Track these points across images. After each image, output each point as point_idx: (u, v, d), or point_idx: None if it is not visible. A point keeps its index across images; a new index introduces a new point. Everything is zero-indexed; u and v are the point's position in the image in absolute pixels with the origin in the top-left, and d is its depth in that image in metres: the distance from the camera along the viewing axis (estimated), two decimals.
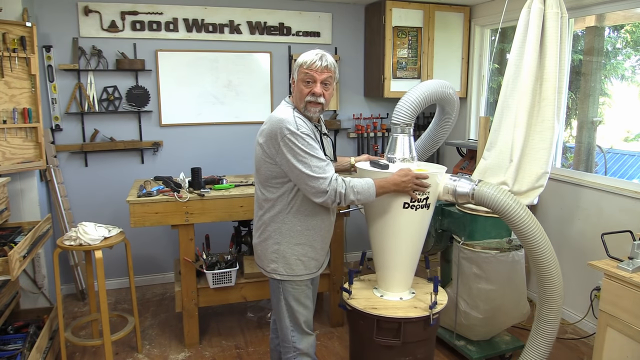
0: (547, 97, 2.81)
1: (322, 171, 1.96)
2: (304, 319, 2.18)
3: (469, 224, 2.74)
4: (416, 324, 2.20)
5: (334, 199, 1.97)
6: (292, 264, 2.13)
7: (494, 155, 2.96)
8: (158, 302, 3.84)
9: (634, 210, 2.95)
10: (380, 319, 2.21)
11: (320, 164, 1.96)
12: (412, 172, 2.12)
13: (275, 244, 2.13)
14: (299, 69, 2.05)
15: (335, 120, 4.39)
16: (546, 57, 2.79)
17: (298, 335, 2.18)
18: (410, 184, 2.10)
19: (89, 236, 2.68)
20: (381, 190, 2.06)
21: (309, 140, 1.96)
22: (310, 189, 1.97)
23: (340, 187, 1.96)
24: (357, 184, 2.00)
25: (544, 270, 2.32)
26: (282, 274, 2.14)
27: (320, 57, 2.02)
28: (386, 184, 2.08)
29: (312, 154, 1.95)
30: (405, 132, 2.36)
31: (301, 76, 2.03)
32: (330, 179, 1.96)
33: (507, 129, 2.89)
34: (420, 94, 2.39)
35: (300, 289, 2.16)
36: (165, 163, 3.99)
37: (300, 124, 1.98)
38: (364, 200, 2.04)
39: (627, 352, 2.18)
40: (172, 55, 3.87)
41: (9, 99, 3.10)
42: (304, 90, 2.03)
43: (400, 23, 4.11)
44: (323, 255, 2.24)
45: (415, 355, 2.25)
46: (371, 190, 2.03)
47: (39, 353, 2.66)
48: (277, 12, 4.10)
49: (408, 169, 2.13)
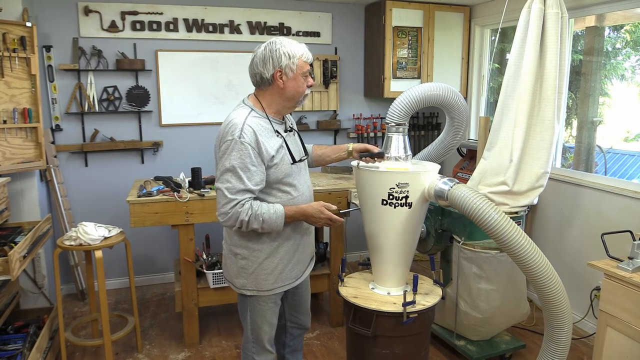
0: (547, 97, 2.81)
1: (236, 192, 1.84)
2: (267, 337, 2.13)
3: (469, 224, 2.74)
4: (388, 318, 2.22)
5: (233, 223, 1.87)
6: (260, 280, 2.04)
7: (494, 156, 2.96)
8: (158, 302, 3.84)
9: (634, 210, 2.95)
10: (357, 308, 2.26)
11: (238, 185, 1.84)
12: (327, 213, 1.97)
13: (242, 260, 2.04)
14: (297, 62, 1.89)
15: (335, 120, 4.39)
16: (546, 57, 2.79)
17: (258, 350, 2.15)
18: (321, 222, 1.99)
19: (89, 236, 2.68)
20: (290, 220, 1.95)
21: (248, 153, 1.83)
22: (217, 204, 1.90)
23: (243, 215, 1.84)
24: (265, 213, 1.88)
25: (537, 280, 2.18)
26: (251, 289, 2.05)
27: (307, 49, 1.95)
28: (297, 215, 1.96)
29: (239, 171, 1.84)
30: (399, 131, 2.39)
31: (302, 70, 1.91)
32: (237, 203, 1.84)
33: (507, 129, 2.89)
34: (415, 95, 2.43)
35: (267, 306, 2.08)
36: (165, 163, 3.99)
37: (248, 132, 1.84)
38: (269, 229, 1.93)
39: (627, 352, 2.18)
40: (172, 55, 3.87)
41: (9, 99, 3.10)
42: (303, 85, 1.93)
43: (400, 23, 4.11)
44: (300, 265, 2.15)
45: (393, 351, 2.27)
46: (279, 220, 1.91)
47: (39, 353, 2.66)
48: (277, 12, 4.10)
49: (324, 209, 1.98)
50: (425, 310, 2.26)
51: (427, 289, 2.45)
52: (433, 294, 2.39)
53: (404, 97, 2.45)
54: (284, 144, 1.97)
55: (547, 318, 2.33)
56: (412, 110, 2.45)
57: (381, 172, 2.28)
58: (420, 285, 2.47)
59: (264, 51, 1.93)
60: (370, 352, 2.30)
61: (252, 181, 1.86)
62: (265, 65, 1.91)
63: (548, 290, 2.21)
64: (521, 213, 2.79)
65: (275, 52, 1.89)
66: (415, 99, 2.45)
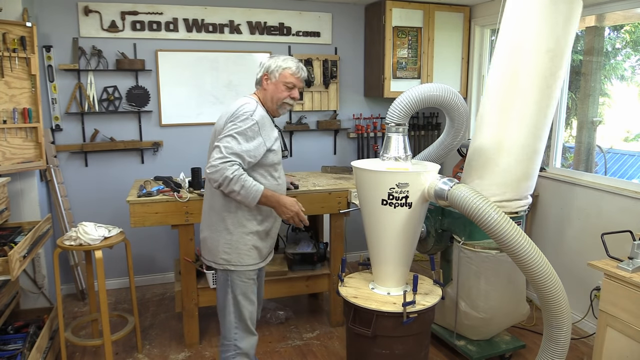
0: (524, 95, 2.60)
1: (231, 153, 2.07)
2: (249, 315, 2.30)
3: (469, 224, 2.74)
4: (388, 318, 2.22)
5: (218, 178, 2.05)
6: (243, 254, 2.25)
7: (476, 157, 2.89)
8: (158, 302, 3.84)
9: (634, 210, 2.95)
10: (357, 308, 2.27)
11: (235, 148, 2.07)
12: (297, 208, 2.22)
13: (228, 234, 2.24)
14: (282, 72, 2.22)
15: (335, 120, 4.39)
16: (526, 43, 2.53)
17: (241, 334, 2.30)
18: (289, 214, 2.20)
19: (89, 236, 2.68)
20: (264, 200, 2.14)
21: (254, 128, 2.12)
22: (211, 158, 2.10)
23: (229, 172, 2.04)
24: (247, 181, 2.08)
25: (537, 279, 2.19)
26: (235, 264, 2.25)
27: (302, 69, 2.28)
28: (272, 198, 2.17)
29: (239, 138, 2.09)
30: (399, 131, 2.39)
31: (285, 80, 2.23)
32: (229, 161, 2.05)
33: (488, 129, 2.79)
34: (415, 96, 2.44)
35: (248, 282, 2.29)
36: (165, 163, 3.99)
37: (259, 114, 2.16)
38: (244, 199, 2.10)
39: (627, 352, 2.18)
40: (172, 55, 3.87)
41: (9, 99, 3.10)
42: (283, 93, 2.25)
43: (400, 23, 4.11)
44: (270, 244, 2.39)
45: (393, 351, 2.27)
46: (256, 195, 2.10)
47: (39, 353, 2.66)
48: (277, 12, 4.10)
49: (297, 204, 2.23)
50: (425, 310, 2.27)
51: (427, 289, 2.45)
52: (433, 294, 2.39)
53: (403, 98, 2.46)
54: (280, 136, 2.35)
55: (546, 318, 2.33)
56: (412, 110, 2.46)
57: (381, 172, 2.29)
58: (420, 285, 2.48)
59: (266, 59, 2.31)
60: (370, 352, 2.30)
61: (248, 153, 2.11)
62: (261, 69, 2.30)
63: (547, 290, 2.22)
64: (521, 213, 2.79)
65: (270, 60, 2.28)
66: (415, 100, 2.45)
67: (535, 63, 2.50)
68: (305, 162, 4.38)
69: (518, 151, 2.62)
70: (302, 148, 4.40)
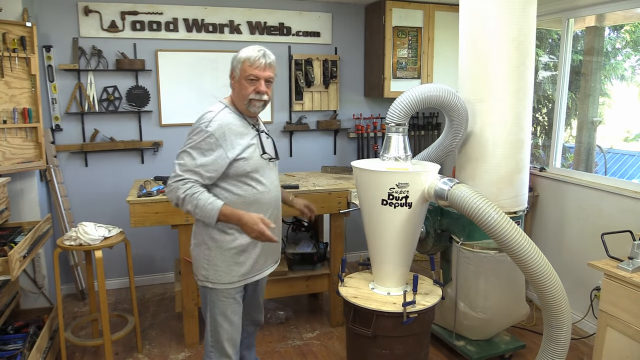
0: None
1: (185, 170, 1.94)
2: (227, 336, 2.12)
3: (469, 224, 2.73)
4: (388, 318, 2.22)
5: (172, 197, 1.96)
6: (221, 272, 2.07)
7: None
8: (158, 302, 3.84)
9: (634, 210, 2.95)
10: (357, 308, 2.26)
11: (189, 165, 1.93)
12: (260, 227, 1.91)
13: (207, 249, 2.08)
14: (241, 65, 2.01)
15: (335, 120, 4.39)
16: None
17: (216, 355, 2.13)
18: (253, 234, 1.95)
19: (89, 236, 2.68)
20: (224, 218, 1.94)
21: (209, 140, 1.94)
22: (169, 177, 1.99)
23: (181, 192, 1.92)
24: (201, 200, 1.92)
25: (537, 279, 2.19)
26: (213, 282, 2.08)
27: (263, 55, 2.01)
28: (233, 217, 1.94)
29: (194, 154, 1.94)
30: (399, 131, 2.39)
31: (244, 74, 2.01)
32: (182, 179, 1.93)
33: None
34: (415, 96, 2.44)
35: (227, 301, 2.10)
36: (165, 163, 3.98)
37: (216, 124, 1.96)
38: (202, 218, 1.95)
39: (627, 352, 2.18)
40: (172, 55, 3.87)
41: (9, 99, 3.10)
42: (247, 88, 2.01)
43: (400, 23, 4.11)
44: (261, 260, 2.15)
45: (393, 351, 2.27)
46: (212, 213, 1.91)
47: (39, 353, 2.66)
48: (277, 12, 4.10)
49: (261, 223, 1.92)
50: (425, 310, 2.27)
51: (427, 289, 2.45)
52: (433, 294, 2.39)
53: (403, 98, 2.45)
54: (258, 140, 2.09)
55: (546, 318, 2.33)
56: (412, 110, 2.46)
57: (381, 172, 2.29)
58: (420, 285, 2.48)
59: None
60: (370, 352, 2.30)
61: (205, 168, 1.95)
62: (230, 67, 2.10)
63: (547, 290, 2.22)
64: (519, 213, 2.79)
65: (235, 56, 2.07)
66: (415, 100, 2.45)
67: (505, 52, 2.58)
68: (305, 162, 4.38)
69: (503, 146, 2.66)
70: (302, 148, 4.40)
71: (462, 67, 2.79)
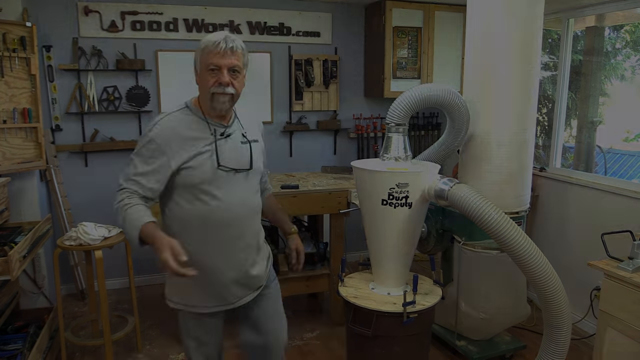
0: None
1: (125, 179, 1.70)
2: (195, 358, 1.89)
3: (470, 224, 2.73)
4: (388, 318, 2.22)
5: (113, 204, 1.70)
6: (185, 293, 1.81)
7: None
8: (158, 302, 3.83)
9: (634, 210, 2.95)
10: (357, 308, 2.26)
11: (130, 173, 1.69)
12: (164, 255, 1.48)
13: None
14: (201, 55, 1.72)
15: (335, 120, 4.39)
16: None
17: None
18: (160, 258, 1.51)
19: (89, 236, 2.68)
20: (145, 239, 1.58)
21: (149, 147, 1.68)
22: None
23: (115, 202, 1.68)
24: (130, 214, 1.62)
25: (537, 279, 2.18)
26: (176, 302, 1.83)
27: (224, 39, 1.69)
28: (149, 239, 1.57)
29: (135, 161, 1.70)
30: (399, 131, 2.39)
31: (204, 64, 1.70)
32: (121, 189, 1.69)
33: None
34: (415, 96, 2.44)
35: (191, 322, 1.85)
36: None
37: (159, 128, 1.69)
38: (126, 232, 1.64)
39: (627, 352, 2.18)
40: (172, 55, 3.87)
41: (9, 99, 3.10)
42: (209, 81, 1.68)
43: (400, 23, 4.11)
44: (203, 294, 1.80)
45: (393, 351, 2.27)
46: (133, 231, 1.58)
47: (39, 353, 2.66)
48: (277, 12, 4.10)
49: (169, 251, 1.49)
50: (425, 310, 2.26)
51: (427, 289, 2.45)
52: (433, 294, 2.39)
53: (404, 98, 2.45)
54: (214, 148, 1.73)
55: (546, 318, 2.33)
56: (412, 110, 2.45)
57: (381, 172, 2.28)
58: (420, 285, 2.48)
59: None
60: (370, 352, 2.30)
61: (145, 177, 1.68)
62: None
63: (547, 290, 2.22)
64: (521, 213, 2.79)
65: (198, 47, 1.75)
66: (416, 100, 2.44)
67: (512, 52, 2.57)
68: (305, 162, 4.38)
69: (508, 146, 2.66)
70: (302, 148, 4.40)
71: (467, 67, 2.79)
